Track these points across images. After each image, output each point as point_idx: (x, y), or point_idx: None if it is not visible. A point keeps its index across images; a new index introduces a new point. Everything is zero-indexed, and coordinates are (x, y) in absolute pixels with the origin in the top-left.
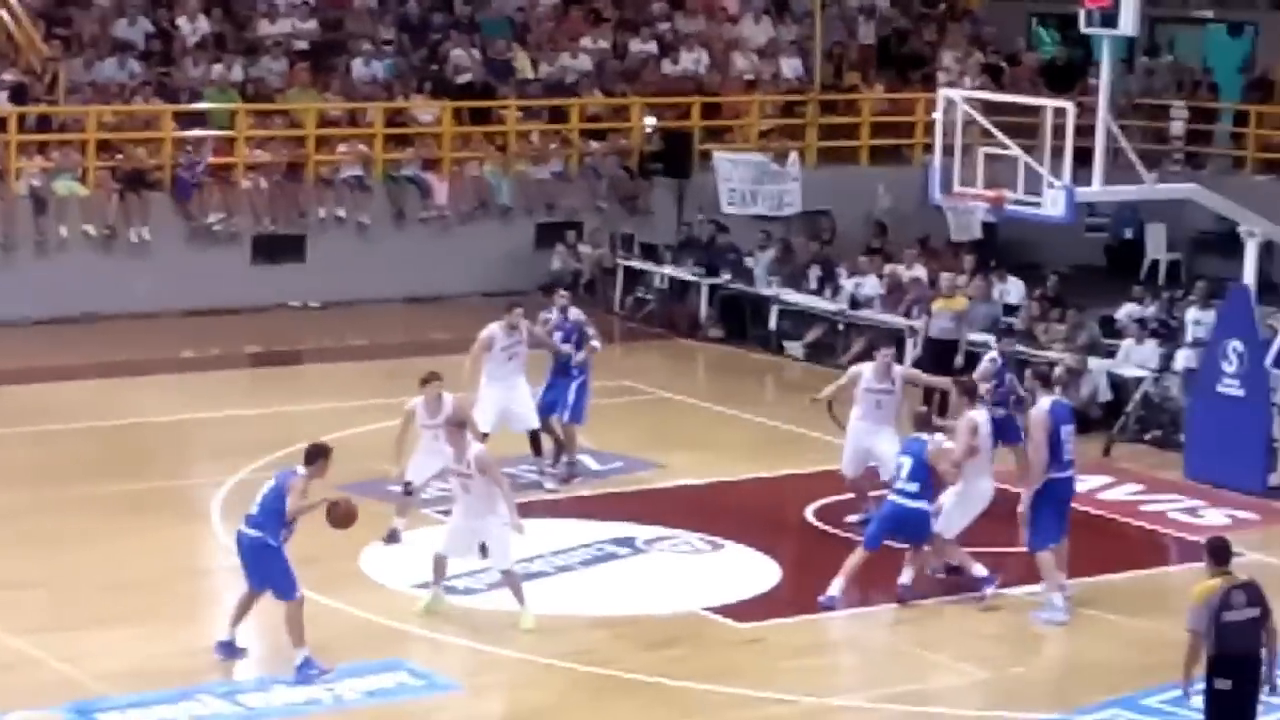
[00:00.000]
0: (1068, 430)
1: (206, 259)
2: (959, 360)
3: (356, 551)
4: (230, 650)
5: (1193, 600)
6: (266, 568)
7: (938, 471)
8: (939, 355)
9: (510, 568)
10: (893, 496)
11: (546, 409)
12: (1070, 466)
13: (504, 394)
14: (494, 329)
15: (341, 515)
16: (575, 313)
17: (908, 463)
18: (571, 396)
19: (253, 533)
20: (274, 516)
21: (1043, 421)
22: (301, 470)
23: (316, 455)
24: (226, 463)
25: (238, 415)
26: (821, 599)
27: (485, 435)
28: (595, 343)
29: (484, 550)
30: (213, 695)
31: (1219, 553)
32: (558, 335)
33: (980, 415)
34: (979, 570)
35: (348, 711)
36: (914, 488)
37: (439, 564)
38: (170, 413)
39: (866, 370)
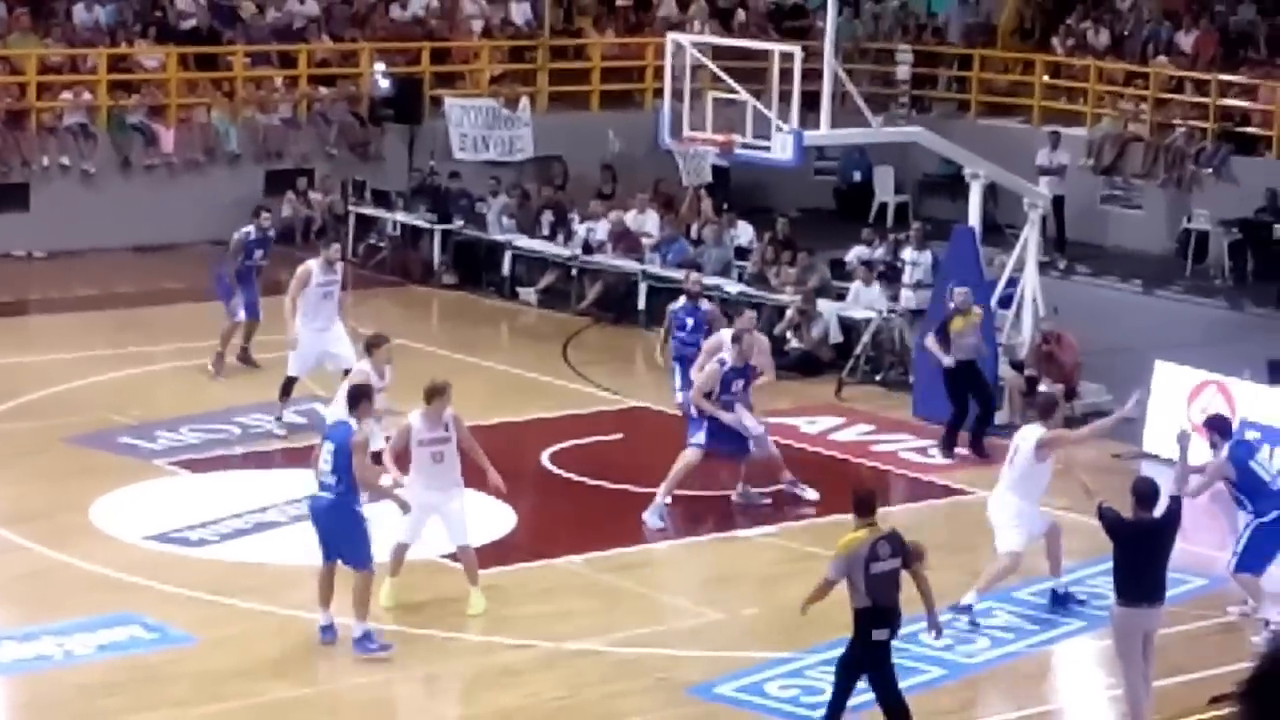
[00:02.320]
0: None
1: None
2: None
3: (86, 504)
4: (330, 632)
5: (838, 550)
6: (347, 532)
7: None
8: (969, 375)
9: (468, 544)
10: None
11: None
12: None
13: (320, 336)
14: (311, 264)
15: None
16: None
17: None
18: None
19: (329, 495)
20: (348, 476)
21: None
22: (351, 421)
23: (359, 398)
24: None
25: None
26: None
27: (294, 379)
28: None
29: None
30: None
31: (863, 505)
32: (258, 253)
33: None
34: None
35: (79, 666)
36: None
37: (399, 552)
38: None
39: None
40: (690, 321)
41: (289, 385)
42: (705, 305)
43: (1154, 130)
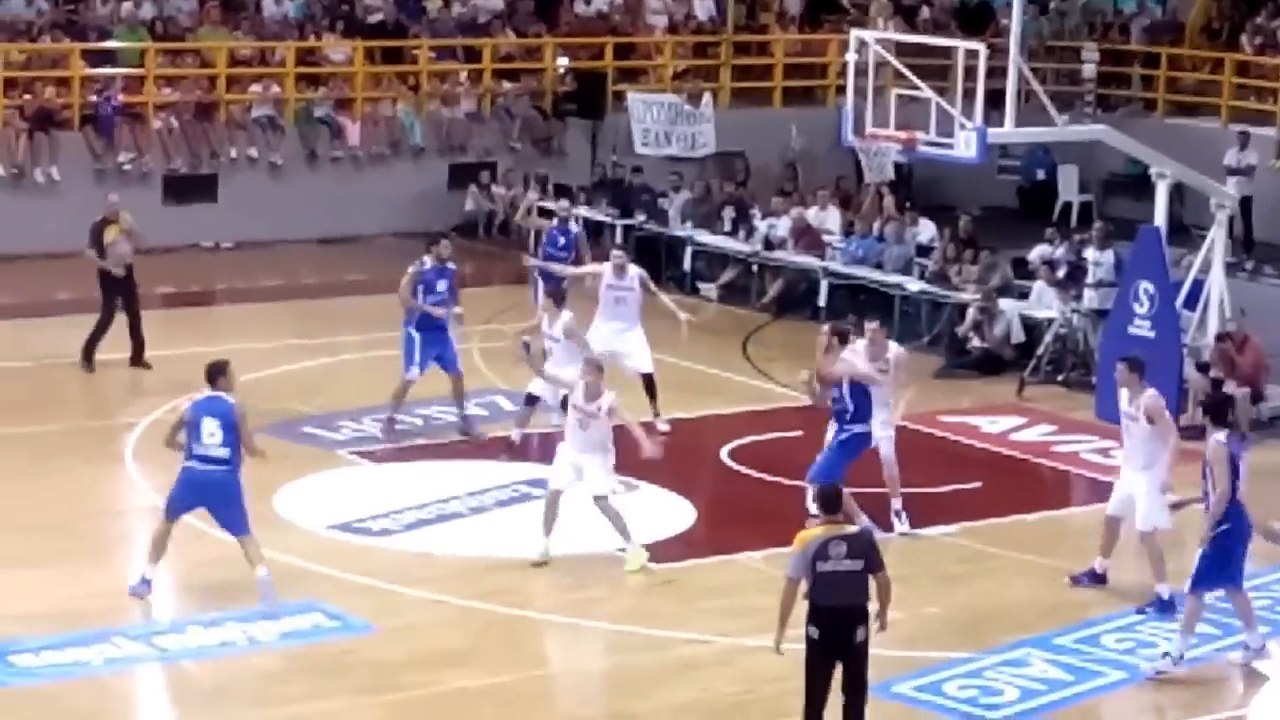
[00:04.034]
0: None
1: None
2: None
3: (270, 493)
4: (146, 586)
5: (794, 547)
6: (235, 503)
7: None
8: None
9: (605, 494)
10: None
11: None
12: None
13: (617, 335)
14: (605, 266)
15: None
16: (453, 264)
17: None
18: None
19: (221, 469)
20: (237, 449)
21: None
22: (222, 394)
23: (217, 374)
24: (139, 404)
25: (150, 356)
26: None
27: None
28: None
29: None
30: (127, 637)
31: (827, 502)
32: (440, 285)
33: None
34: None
35: (262, 653)
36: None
37: (552, 503)
38: None
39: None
40: (562, 240)
41: None
42: (574, 228)
43: None
